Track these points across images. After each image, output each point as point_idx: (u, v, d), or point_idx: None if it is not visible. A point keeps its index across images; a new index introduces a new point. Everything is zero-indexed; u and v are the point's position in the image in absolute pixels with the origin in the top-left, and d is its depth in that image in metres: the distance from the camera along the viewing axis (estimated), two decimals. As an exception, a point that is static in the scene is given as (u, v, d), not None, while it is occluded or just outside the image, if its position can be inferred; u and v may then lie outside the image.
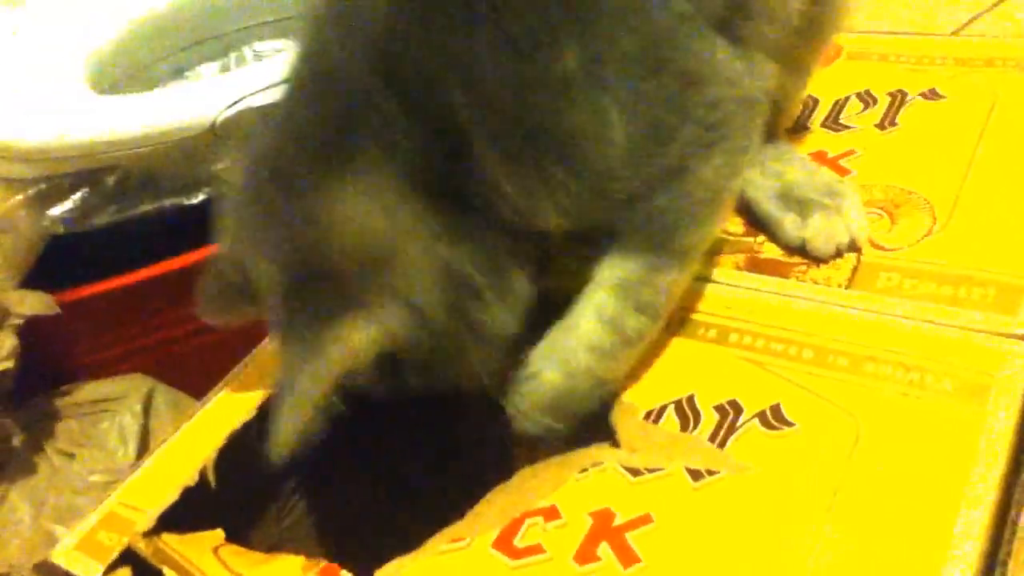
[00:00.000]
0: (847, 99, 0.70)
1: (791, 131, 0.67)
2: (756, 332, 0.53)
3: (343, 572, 0.48)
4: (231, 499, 0.56)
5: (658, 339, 0.54)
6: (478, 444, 0.58)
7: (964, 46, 0.74)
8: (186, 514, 0.54)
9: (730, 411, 0.49)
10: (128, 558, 0.52)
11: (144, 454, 0.61)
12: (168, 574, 0.50)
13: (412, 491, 0.56)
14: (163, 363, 0.84)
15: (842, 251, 0.57)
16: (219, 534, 0.53)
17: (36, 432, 0.79)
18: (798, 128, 0.68)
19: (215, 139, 0.79)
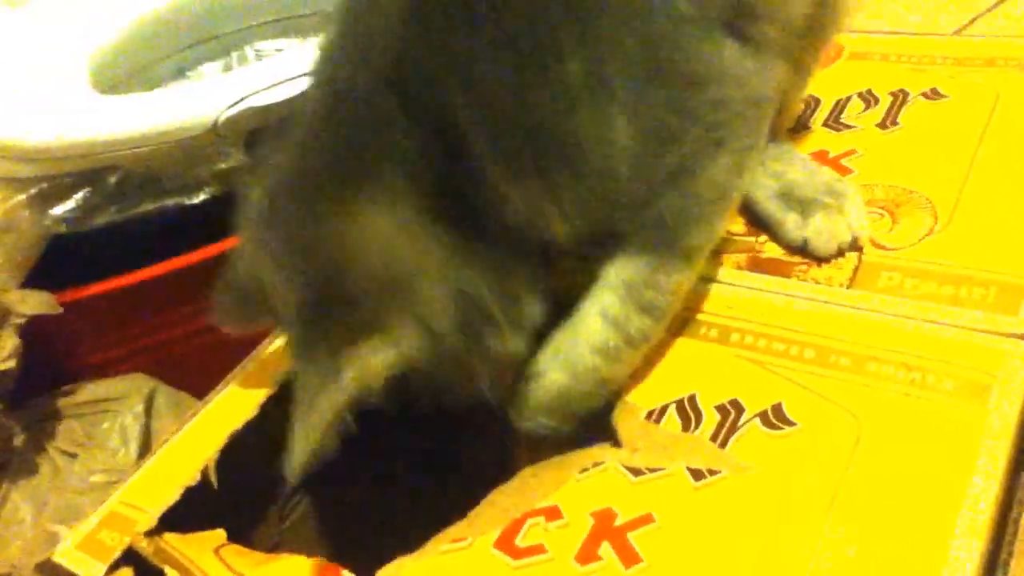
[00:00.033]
0: (849, 99, 0.70)
1: (792, 131, 0.67)
2: (757, 332, 0.53)
3: (344, 572, 0.48)
4: (233, 499, 0.56)
5: (660, 339, 0.54)
6: (479, 444, 0.58)
7: (965, 46, 0.74)
8: (188, 514, 0.54)
9: (731, 411, 0.49)
10: (130, 558, 0.52)
11: (146, 454, 0.61)
12: (170, 574, 0.50)
13: (413, 491, 0.56)
14: (165, 363, 0.84)
15: (843, 251, 0.57)
16: (221, 534, 0.53)
17: (38, 432, 0.80)
18: (799, 128, 0.68)
19: (217, 139, 0.79)
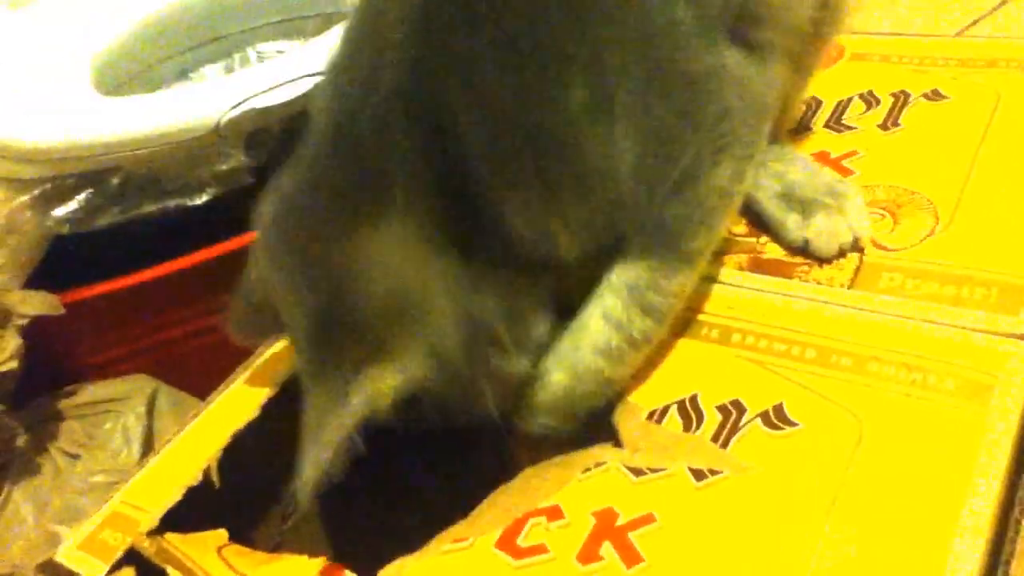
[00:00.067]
0: (850, 100, 0.70)
1: (794, 132, 0.67)
2: (759, 332, 0.53)
3: (346, 572, 0.49)
4: (235, 499, 0.56)
5: (662, 339, 0.54)
6: (481, 444, 0.58)
7: (967, 47, 0.74)
8: (190, 514, 0.54)
9: (733, 411, 0.49)
10: (132, 558, 0.52)
11: (148, 454, 0.61)
12: (172, 574, 0.50)
13: (415, 491, 0.56)
14: (166, 363, 0.84)
15: (844, 251, 0.57)
16: (222, 534, 0.53)
17: (40, 432, 0.80)
18: (801, 129, 0.68)
19: (218, 140, 0.79)
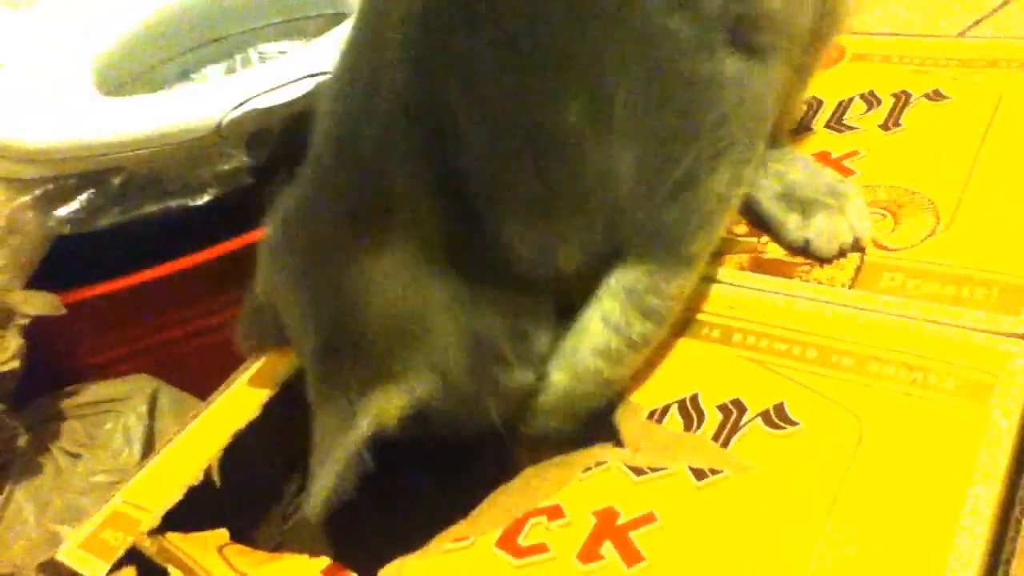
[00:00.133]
0: (851, 100, 0.70)
1: (795, 132, 0.67)
2: (760, 332, 0.53)
3: (347, 572, 0.49)
4: (235, 499, 0.56)
5: (662, 340, 0.54)
6: (481, 444, 0.58)
7: (968, 47, 0.74)
8: (191, 513, 0.54)
9: (733, 410, 0.49)
10: (133, 557, 0.52)
11: (149, 454, 0.61)
12: (173, 573, 0.50)
13: (415, 490, 0.56)
14: (168, 363, 0.84)
15: (845, 251, 0.57)
16: (224, 533, 0.53)
17: (41, 432, 0.80)
18: (802, 129, 0.68)
19: (220, 140, 0.79)
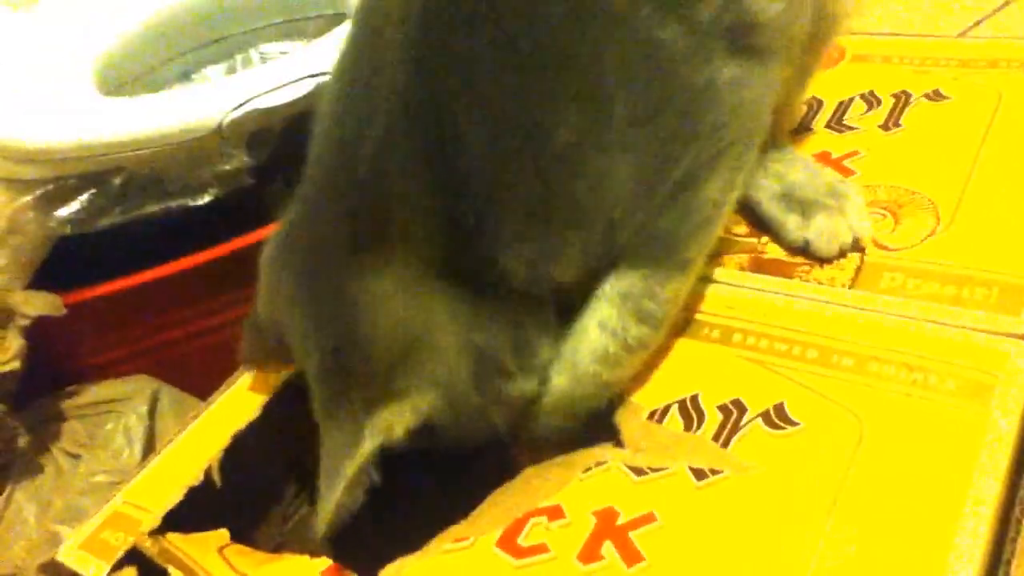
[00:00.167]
0: (851, 100, 0.70)
1: (795, 132, 0.67)
2: (760, 332, 0.53)
3: (347, 572, 0.49)
4: (236, 499, 0.56)
5: (660, 344, 0.54)
6: (481, 444, 0.58)
7: (968, 47, 0.74)
8: (191, 514, 0.54)
9: (734, 411, 0.49)
10: (133, 558, 0.52)
11: (149, 455, 0.61)
12: (173, 574, 0.50)
13: (416, 491, 0.56)
14: (168, 364, 0.84)
15: (845, 251, 0.57)
16: (224, 534, 0.53)
17: (42, 433, 0.80)
18: (802, 129, 0.68)
19: (221, 141, 0.80)
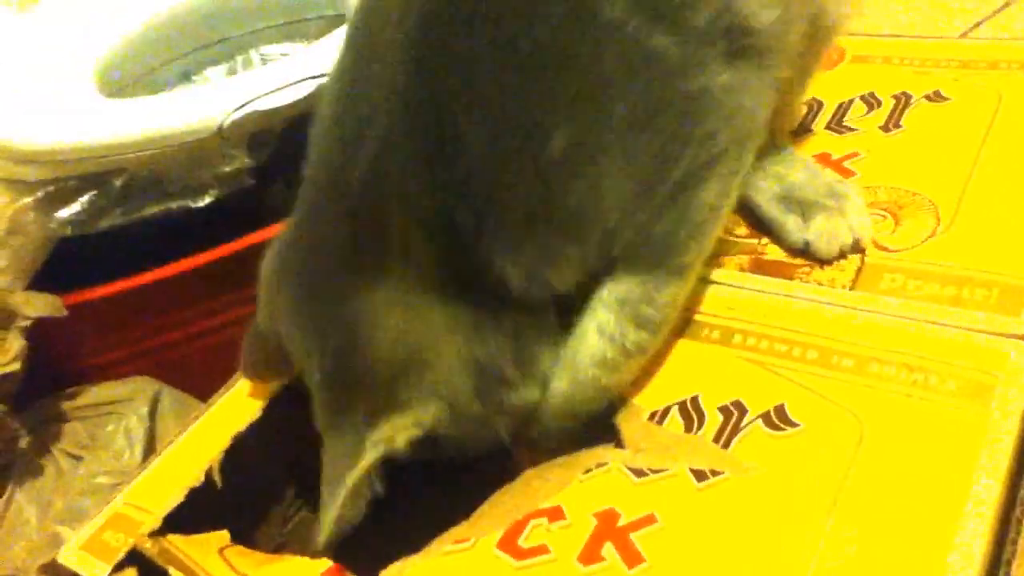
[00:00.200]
0: (851, 102, 0.70)
1: (795, 133, 0.67)
2: (760, 333, 0.53)
3: (348, 574, 0.49)
4: (237, 500, 0.56)
5: (659, 348, 0.54)
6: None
7: (968, 48, 0.74)
8: (192, 515, 0.54)
9: (734, 412, 0.49)
10: (134, 559, 0.52)
11: (150, 456, 0.61)
12: (174, 575, 0.50)
13: (416, 492, 0.56)
14: (169, 365, 0.84)
15: (845, 252, 0.57)
16: (224, 535, 0.53)
17: (43, 434, 0.80)
18: (802, 131, 0.68)
19: (221, 142, 0.80)
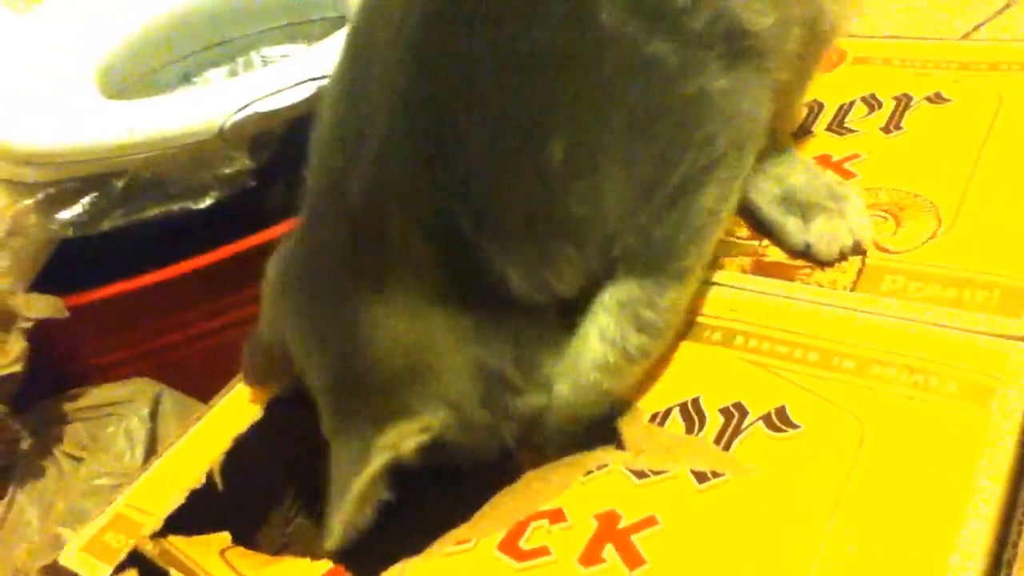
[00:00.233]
0: (852, 103, 0.70)
1: (796, 135, 0.67)
2: (761, 335, 0.53)
3: (349, 575, 0.49)
4: (238, 502, 0.56)
5: (662, 352, 0.54)
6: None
7: (969, 50, 0.74)
8: (193, 517, 0.54)
9: (735, 413, 0.49)
10: (135, 560, 0.52)
11: (151, 458, 0.62)
12: (175, 576, 0.50)
13: (417, 493, 0.56)
14: (170, 367, 0.84)
15: (846, 254, 0.57)
16: (225, 536, 0.53)
17: (44, 435, 0.80)
18: (802, 132, 0.68)
19: (223, 144, 0.80)
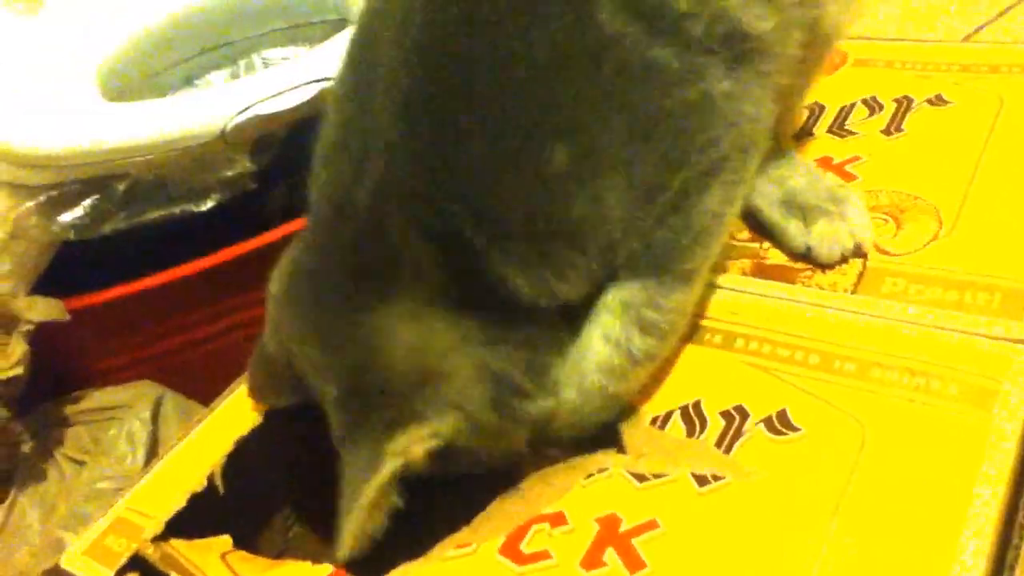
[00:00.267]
0: (853, 105, 0.70)
1: (797, 138, 0.67)
2: (762, 337, 0.53)
3: (349, 578, 0.49)
4: (239, 505, 0.56)
5: (667, 354, 0.54)
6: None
7: (970, 52, 0.74)
8: (194, 520, 0.54)
9: (736, 417, 0.49)
10: (136, 564, 0.52)
11: (152, 461, 0.61)
12: (175, 579, 0.50)
13: (418, 496, 0.56)
14: (171, 369, 0.84)
15: (847, 256, 0.57)
16: (227, 540, 0.53)
17: (45, 439, 0.80)
18: (803, 135, 0.68)
19: (224, 146, 0.80)
